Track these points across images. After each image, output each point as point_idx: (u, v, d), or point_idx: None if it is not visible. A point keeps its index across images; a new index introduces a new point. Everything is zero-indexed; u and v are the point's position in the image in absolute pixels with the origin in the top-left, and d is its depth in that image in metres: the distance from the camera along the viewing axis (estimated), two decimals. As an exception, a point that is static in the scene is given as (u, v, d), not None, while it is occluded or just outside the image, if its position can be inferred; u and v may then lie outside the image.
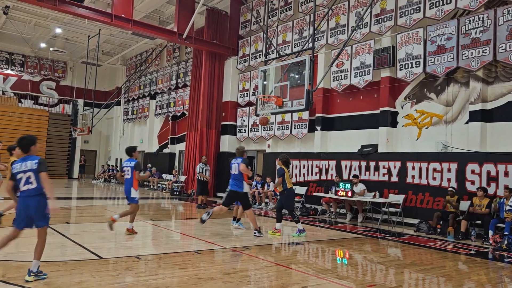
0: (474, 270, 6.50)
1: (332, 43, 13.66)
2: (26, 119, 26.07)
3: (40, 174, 4.67)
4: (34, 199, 4.70)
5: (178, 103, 21.74)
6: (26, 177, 4.69)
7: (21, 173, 4.70)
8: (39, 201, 4.71)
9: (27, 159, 4.75)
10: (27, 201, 4.70)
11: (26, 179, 4.69)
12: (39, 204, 4.71)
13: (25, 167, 4.69)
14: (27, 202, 4.70)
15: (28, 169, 4.68)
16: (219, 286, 4.84)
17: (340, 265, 6.63)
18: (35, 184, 4.69)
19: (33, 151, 4.84)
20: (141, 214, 11.79)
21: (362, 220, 11.56)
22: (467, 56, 10.06)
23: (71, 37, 24.58)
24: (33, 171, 4.68)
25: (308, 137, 14.50)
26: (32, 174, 4.68)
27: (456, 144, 10.52)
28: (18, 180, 4.73)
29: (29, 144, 4.85)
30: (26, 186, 4.70)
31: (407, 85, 11.79)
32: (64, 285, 4.54)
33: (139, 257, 6.10)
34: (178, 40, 17.04)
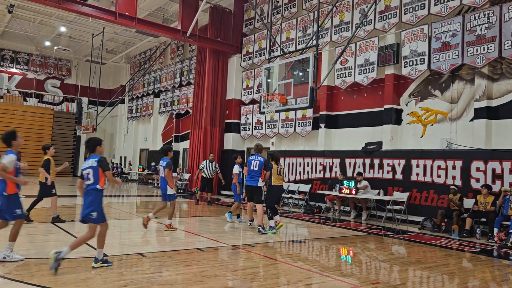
0: (479, 268, 6.48)
1: (336, 40, 13.62)
2: (31, 117, 26.23)
3: (99, 171, 5.15)
4: (89, 194, 5.16)
5: (182, 101, 21.77)
6: (86, 174, 5.16)
7: (84, 170, 5.20)
8: (94, 196, 5.15)
9: (90, 157, 5.26)
10: (86, 195, 5.19)
11: (86, 175, 5.17)
12: (94, 199, 5.14)
13: (87, 164, 5.20)
14: (85, 197, 5.19)
15: (89, 166, 5.15)
16: (223, 283, 4.85)
17: (344, 262, 6.63)
18: (92, 180, 5.14)
19: (98, 151, 5.34)
20: (145, 211, 11.83)
21: (366, 218, 11.55)
22: (472, 53, 10.00)
23: (75, 36, 24.68)
24: (93, 168, 5.14)
25: (312, 135, 14.48)
26: (91, 171, 5.14)
27: (461, 141, 10.47)
28: (84, 177, 5.21)
29: (95, 145, 5.39)
30: (86, 182, 5.19)
31: (411, 82, 11.75)
32: (70, 282, 4.57)
33: (144, 255, 6.12)
34: (182, 38, 17.05)
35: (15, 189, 5.39)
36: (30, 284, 4.43)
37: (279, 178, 8.85)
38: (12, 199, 5.37)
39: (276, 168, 8.79)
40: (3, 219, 5.42)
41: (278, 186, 8.89)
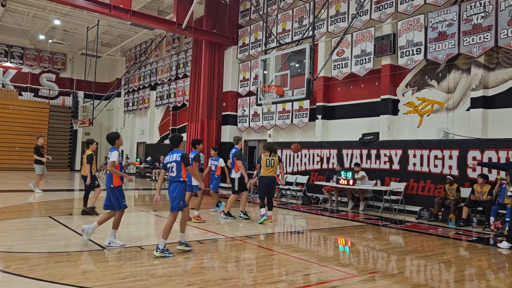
0: (476, 256, 6.54)
1: (332, 31, 13.57)
2: (26, 111, 26.10)
3: (182, 166, 5.74)
4: (173, 186, 5.76)
5: (178, 94, 21.70)
6: (171, 167, 5.78)
7: (169, 163, 5.80)
8: (176, 188, 5.74)
9: (174, 152, 5.85)
10: (170, 186, 5.81)
11: (170, 168, 5.78)
12: (176, 190, 5.75)
13: (171, 158, 5.80)
14: (169, 187, 5.81)
15: (173, 160, 5.76)
16: (221, 275, 4.88)
17: (342, 252, 6.68)
18: (175, 173, 5.76)
19: (181, 146, 5.97)
20: (143, 205, 11.86)
21: (363, 208, 11.61)
22: (468, 43, 9.99)
23: (70, 29, 24.47)
24: (176, 163, 5.75)
25: (309, 126, 14.49)
26: (175, 164, 5.76)
27: (457, 131, 10.51)
28: (168, 169, 5.82)
29: (179, 141, 6.00)
30: (170, 174, 5.80)
31: (408, 72, 11.74)
32: (69, 275, 4.59)
33: (142, 247, 6.15)
34: (177, 30, 16.94)
35: (119, 182, 6.23)
36: (30, 278, 4.45)
37: (267, 169, 8.75)
38: (118, 191, 6.19)
39: (264, 160, 8.74)
40: (112, 209, 6.19)
41: (267, 177, 8.78)
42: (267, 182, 8.77)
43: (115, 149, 6.24)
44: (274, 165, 8.79)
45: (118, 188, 6.19)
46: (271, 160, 8.75)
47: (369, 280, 4.88)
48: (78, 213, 10.18)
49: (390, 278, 5.00)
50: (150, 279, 4.56)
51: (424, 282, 4.97)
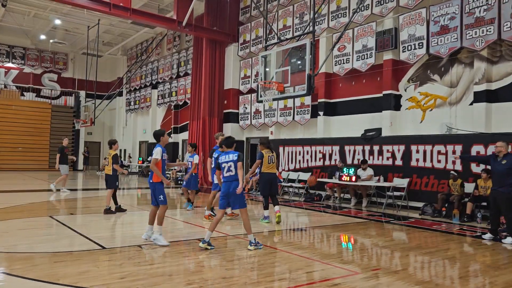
0: (480, 252, 6.45)
1: (333, 26, 13.47)
2: (28, 112, 26.14)
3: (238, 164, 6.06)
4: (234, 184, 6.03)
5: (180, 92, 21.64)
6: (228, 166, 6.07)
7: (225, 163, 6.09)
8: (237, 186, 6.01)
9: (229, 152, 6.18)
10: (230, 185, 6.05)
11: (228, 168, 6.07)
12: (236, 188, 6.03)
13: (228, 158, 6.10)
14: (230, 186, 6.05)
15: (230, 160, 6.07)
16: (222, 273, 4.82)
17: (345, 249, 6.60)
18: (234, 172, 6.06)
19: (233, 147, 6.30)
20: (145, 203, 11.82)
21: (366, 205, 11.52)
22: (471, 36, 9.87)
23: (70, 28, 24.46)
24: (234, 162, 6.06)
25: (311, 123, 14.40)
26: (232, 164, 6.07)
27: (460, 125, 10.39)
28: (223, 168, 6.10)
29: (233, 142, 6.37)
30: (227, 173, 6.08)
31: (410, 67, 11.63)
32: (67, 275, 4.54)
33: (142, 247, 6.09)
34: (177, 28, 16.88)
35: (159, 178, 6.30)
36: (28, 279, 4.40)
37: (269, 166, 8.54)
38: (157, 186, 6.31)
39: (267, 157, 8.60)
40: (155, 204, 6.40)
41: (268, 173, 8.56)
42: (269, 179, 8.64)
43: (160, 145, 6.36)
44: (274, 161, 8.70)
45: (157, 184, 6.33)
46: (272, 156, 8.65)
47: (372, 277, 4.80)
48: (80, 212, 10.16)
49: (394, 275, 4.93)
50: (150, 279, 4.51)
51: (428, 279, 4.89)
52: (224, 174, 6.12)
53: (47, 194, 13.11)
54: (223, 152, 6.29)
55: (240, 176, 6.05)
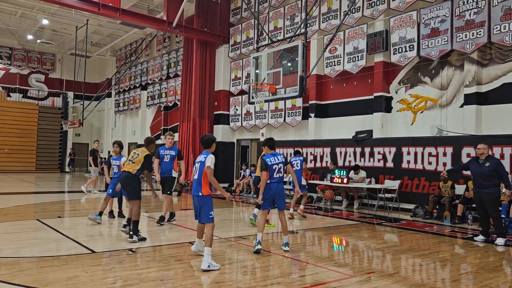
0: (472, 253, 6.46)
1: (324, 28, 13.47)
2: (15, 113, 25.74)
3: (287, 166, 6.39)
4: (281, 186, 6.18)
5: (170, 94, 21.48)
6: (278, 168, 6.17)
7: (275, 165, 6.14)
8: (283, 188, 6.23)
9: (276, 154, 6.29)
10: (277, 186, 6.14)
11: (277, 170, 6.16)
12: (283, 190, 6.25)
13: (278, 160, 6.19)
14: (277, 187, 6.13)
15: (280, 161, 6.19)
16: (215, 277, 4.73)
17: (337, 252, 6.56)
18: (282, 173, 6.20)
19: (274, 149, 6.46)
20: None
21: (358, 207, 11.52)
22: (461, 39, 9.94)
23: (58, 28, 24.14)
24: (283, 164, 6.24)
25: (302, 125, 14.37)
26: (282, 165, 6.21)
27: (451, 128, 10.45)
28: (273, 171, 6.12)
29: (274, 144, 6.48)
30: (277, 175, 6.15)
31: (401, 69, 11.67)
32: (55, 280, 4.41)
33: (133, 250, 5.97)
34: (167, 29, 16.75)
35: (209, 191, 5.29)
36: (14, 284, 4.26)
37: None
38: (207, 201, 5.28)
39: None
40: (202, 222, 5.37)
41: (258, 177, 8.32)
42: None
43: (210, 153, 5.34)
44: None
45: (207, 198, 5.28)
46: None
47: (366, 281, 4.76)
48: (68, 215, 9.96)
49: (388, 278, 4.88)
50: (141, 283, 4.39)
51: (422, 282, 4.86)
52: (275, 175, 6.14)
53: (34, 197, 12.86)
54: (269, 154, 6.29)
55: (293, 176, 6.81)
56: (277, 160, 6.16)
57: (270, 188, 6.11)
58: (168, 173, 8.56)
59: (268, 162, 6.10)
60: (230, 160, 17.80)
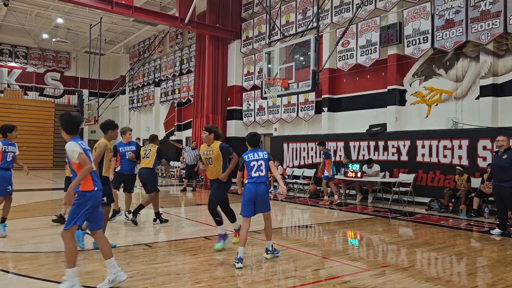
0: (488, 247, 6.40)
1: (337, 21, 13.38)
2: (32, 111, 26.18)
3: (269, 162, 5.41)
4: (264, 185, 5.33)
5: (183, 90, 21.61)
6: (259, 165, 5.35)
7: (255, 161, 5.37)
8: (267, 188, 5.40)
9: (257, 151, 5.51)
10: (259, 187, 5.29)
11: (258, 167, 5.34)
12: (267, 190, 5.43)
13: (257, 156, 5.41)
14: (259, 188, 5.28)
15: (261, 158, 5.39)
16: (230, 271, 4.79)
17: (351, 246, 6.57)
18: (264, 172, 5.33)
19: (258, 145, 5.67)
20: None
21: (372, 201, 11.48)
22: (476, 30, 9.78)
23: (73, 27, 24.45)
24: (264, 161, 5.39)
25: (315, 119, 14.34)
26: (263, 162, 5.37)
27: (466, 120, 10.32)
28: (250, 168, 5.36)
29: (258, 141, 5.68)
30: (257, 173, 5.31)
31: (415, 62, 11.55)
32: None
33: (150, 245, 6.08)
34: (180, 25, 16.82)
35: None
36: (36, 278, 4.39)
37: None
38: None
39: None
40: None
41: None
42: None
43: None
44: None
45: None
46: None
47: (380, 275, 4.77)
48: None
49: (403, 271, 4.89)
50: (158, 277, 4.49)
51: (437, 276, 4.85)
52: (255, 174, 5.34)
53: (51, 193, 13.13)
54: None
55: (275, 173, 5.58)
56: (258, 157, 5.40)
57: (249, 189, 5.28)
58: (130, 170, 8.01)
59: (245, 158, 5.42)
60: (244, 155, 17.83)
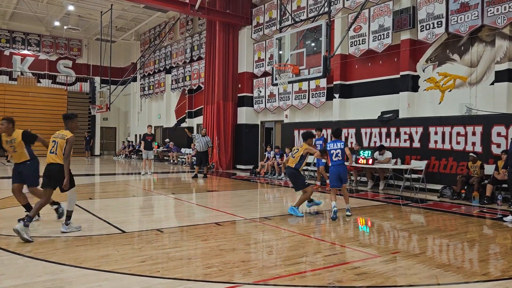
0: (501, 234, 6.35)
1: (349, 6, 13.18)
2: (45, 98, 26.47)
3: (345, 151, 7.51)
4: (342, 167, 7.53)
5: (193, 77, 21.61)
6: (337, 152, 7.43)
7: (334, 150, 7.46)
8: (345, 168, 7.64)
9: (336, 141, 7.57)
10: (337, 168, 7.51)
11: (336, 154, 7.44)
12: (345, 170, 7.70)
13: (336, 146, 7.47)
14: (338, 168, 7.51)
15: (338, 147, 7.46)
16: (241, 257, 4.84)
17: (362, 233, 6.57)
18: (341, 157, 7.45)
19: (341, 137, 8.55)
20: (162, 188, 11.93)
21: (383, 188, 11.43)
22: (492, 13, 9.56)
23: (84, 14, 24.50)
24: (341, 150, 7.45)
25: (327, 106, 14.25)
26: (340, 151, 7.43)
27: (481, 106, 10.16)
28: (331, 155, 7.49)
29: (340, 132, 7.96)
30: (336, 158, 7.46)
31: (428, 47, 11.35)
32: (89, 258, 4.61)
33: (162, 230, 6.16)
34: (190, 12, 16.75)
35: None
36: (51, 262, 4.49)
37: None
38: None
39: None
40: None
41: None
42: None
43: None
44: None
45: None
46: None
47: (391, 261, 4.77)
48: (99, 197, 10.30)
49: (413, 258, 4.88)
50: (169, 262, 4.55)
51: (449, 262, 4.83)
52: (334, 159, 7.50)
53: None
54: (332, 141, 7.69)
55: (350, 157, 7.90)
56: (336, 146, 7.45)
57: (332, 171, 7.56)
58: None
59: (327, 147, 7.62)
60: (254, 142, 17.88)
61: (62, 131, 5.89)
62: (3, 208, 7.84)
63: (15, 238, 5.35)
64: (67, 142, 5.72)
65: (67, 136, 5.78)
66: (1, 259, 4.59)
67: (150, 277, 4.06)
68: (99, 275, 4.10)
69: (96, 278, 4.03)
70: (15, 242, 5.29)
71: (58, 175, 5.71)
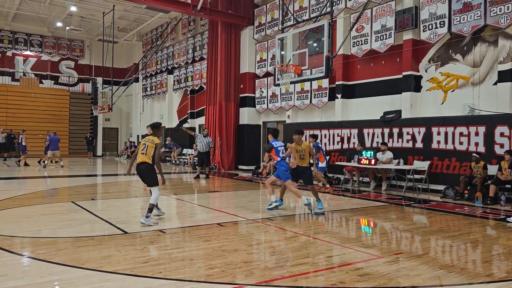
0: (504, 235, 6.32)
1: (351, 6, 13.16)
2: (48, 99, 26.53)
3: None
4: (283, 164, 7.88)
5: (195, 77, 21.61)
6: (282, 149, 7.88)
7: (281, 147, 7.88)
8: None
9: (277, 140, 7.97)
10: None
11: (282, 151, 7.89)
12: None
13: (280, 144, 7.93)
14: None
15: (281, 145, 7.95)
16: (243, 257, 4.83)
17: (365, 233, 6.55)
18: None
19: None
20: (164, 188, 11.91)
21: (386, 188, 11.40)
22: (495, 13, 9.53)
23: (86, 15, 24.54)
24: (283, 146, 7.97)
25: (329, 106, 14.23)
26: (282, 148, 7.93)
27: (484, 106, 10.12)
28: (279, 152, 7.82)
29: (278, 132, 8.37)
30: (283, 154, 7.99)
31: (431, 47, 11.32)
32: (91, 259, 4.61)
33: (164, 231, 6.15)
34: (192, 12, 16.76)
35: None
36: (53, 263, 4.48)
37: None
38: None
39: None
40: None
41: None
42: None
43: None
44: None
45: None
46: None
47: (394, 262, 4.75)
48: (100, 198, 10.31)
49: (416, 259, 4.86)
50: (172, 263, 4.54)
51: (451, 263, 4.81)
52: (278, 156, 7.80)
53: (68, 180, 13.34)
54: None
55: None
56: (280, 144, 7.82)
57: None
58: None
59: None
60: (256, 142, 17.87)
61: (151, 137, 6.72)
62: (4, 209, 7.85)
63: (17, 239, 5.35)
64: (156, 148, 6.56)
65: (155, 141, 6.60)
66: (3, 260, 4.59)
67: (153, 278, 4.05)
68: (101, 276, 4.10)
69: (98, 279, 4.02)
70: (17, 243, 5.29)
71: (145, 172, 6.67)
